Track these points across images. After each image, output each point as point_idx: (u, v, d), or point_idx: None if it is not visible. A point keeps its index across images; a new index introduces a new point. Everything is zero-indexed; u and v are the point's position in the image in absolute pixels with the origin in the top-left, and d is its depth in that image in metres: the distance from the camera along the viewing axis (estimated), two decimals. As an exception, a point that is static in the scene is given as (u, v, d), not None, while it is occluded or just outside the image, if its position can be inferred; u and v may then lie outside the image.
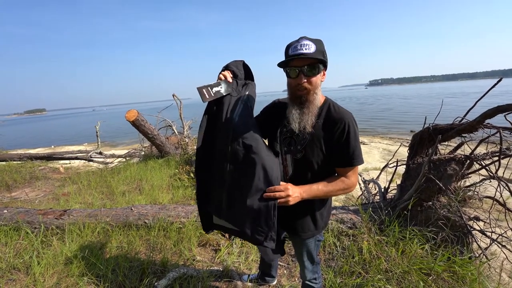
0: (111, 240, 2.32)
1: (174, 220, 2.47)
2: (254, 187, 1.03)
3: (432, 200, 2.09)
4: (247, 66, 1.24)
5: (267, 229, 1.04)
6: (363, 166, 6.48)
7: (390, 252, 1.92)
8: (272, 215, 1.03)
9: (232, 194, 1.11)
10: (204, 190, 1.26)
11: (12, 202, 3.73)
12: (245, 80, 1.23)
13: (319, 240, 1.33)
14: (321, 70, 1.03)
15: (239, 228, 1.11)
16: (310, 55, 0.96)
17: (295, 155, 1.12)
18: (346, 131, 1.04)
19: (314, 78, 1.02)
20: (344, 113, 1.07)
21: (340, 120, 1.05)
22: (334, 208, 2.49)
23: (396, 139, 10.58)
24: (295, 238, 1.32)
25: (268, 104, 1.31)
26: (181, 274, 1.89)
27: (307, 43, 0.97)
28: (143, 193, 3.70)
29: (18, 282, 1.88)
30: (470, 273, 1.72)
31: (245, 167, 1.06)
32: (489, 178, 1.99)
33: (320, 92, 1.07)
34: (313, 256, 1.35)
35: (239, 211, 1.09)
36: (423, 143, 2.26)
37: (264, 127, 1.20)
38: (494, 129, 1.91)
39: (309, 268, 1.38)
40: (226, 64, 1.20)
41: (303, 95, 1.04)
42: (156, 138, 5.31)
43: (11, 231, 2.42)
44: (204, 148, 1.22)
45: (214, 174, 1.19)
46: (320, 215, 1.22)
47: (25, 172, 5.43)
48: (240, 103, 1.15)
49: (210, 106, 1.20)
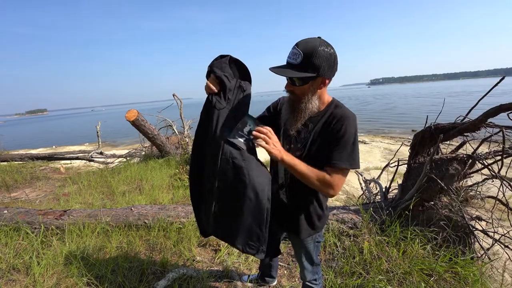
0: (111, 240, 2.32)
1: (174, 220, 2.46)
2: (246, 210, 1.02)
3: (434, 200, 2.08)
4: (237, 60, 1.07)
5: (258, 244, 1.06)
6: (364, 165, 6.46)
7: (391, 252, 1.91)
8: (264, 232, 1.05)
9: (221, 212, 1.10)
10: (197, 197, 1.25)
11: (13, 202, 3.74)
12: (238, 81, 1.08)
13: (318, 241, 1.32)
14: (309, 81, 0.98)
15: (229, 242, 1.14)
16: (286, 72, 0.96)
17: (295, 153, 1.10)
18: (342, 129, 1.01)
19: (300, 88, 1.00)
20: (346, 113, 1.04)
21: (340, 118, 1.03)
22: (335, 208, 2.47)
23: (397, 138, 10.54)
24: (293, 238, 1.32)
25: (274, 101, 1.30)
26: (180, 275, 1.88)
27: (297, 52, 0.94)
28: (143, 193, 3.69)
29: (18, 282, 1.88)
30: (472, 274, 1.71)
31: (235, 189, 1.03)
32: (492, 177, 1.97)
33: (315, 100, 1.04)
34: (313, 257, 1.33)
35: (228, 228, 1.09)
36: (425, 143, 2.24)
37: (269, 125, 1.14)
38: (496, 128, 1.89)
39: (309, 269, 1.37)
40: (210, 65, 1.05)
41: (293, 100, 1.06)
42: (156, 138, 5.31)
43: (11, 231, 2.42)
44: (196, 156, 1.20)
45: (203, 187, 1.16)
46: (317, 215, 1.21)
47: (26, 172, 5.44)
48: (230, 115, 1.06)
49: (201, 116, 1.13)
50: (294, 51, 0.95)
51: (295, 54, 0.95)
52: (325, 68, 0.96)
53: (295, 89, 1.02)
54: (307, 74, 0.95)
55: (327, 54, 0.94)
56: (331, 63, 0.96)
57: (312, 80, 0.98)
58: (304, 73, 0.95)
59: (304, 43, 0.94)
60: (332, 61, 0.97)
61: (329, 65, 0.96)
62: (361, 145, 9.35)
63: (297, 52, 0.94)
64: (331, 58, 0.96)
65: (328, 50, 0.94)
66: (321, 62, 0.94)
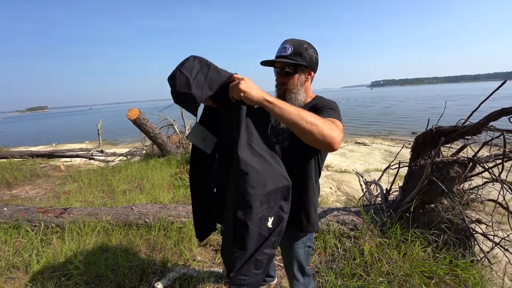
0: (111, 239, 2.32)
1: (175, 220, 2.46)
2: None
3: (435, 202, 2.08)
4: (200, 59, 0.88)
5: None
6: (364, 167, 6.46)
7: (391, 254, 1.91)
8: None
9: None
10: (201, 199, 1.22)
11: (13, 200, 3.73)
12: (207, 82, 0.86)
13: (309, 246, 1.26)
14: (298, 70, 1.08)
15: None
16: (282, 60, 1.05)
17: (282, 144, 1.12)
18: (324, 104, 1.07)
19: (290, 78, 1.08)
20: (328, 100, 1.13)
21: (322, 101, 1.12)
22: (336, 209, 2.47)
23: (397, 140, 10.54)
24: (284, 244, 1.27)
25: None
26: (181, 275, 1.88)
27: (286, 46, 1.06)
28: (144, 192, 3.69)
29: (17, 280, 1.87)
30: (473, 277, 1.71)
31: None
32: (492, 181, 1.97)
33: (302, 92, 1.11)
34: (304, 266, 1.27)
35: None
36: (426, 145, 2.24)
37: None
38: (497, 132, 1.89)
39: (300, 280, 1.29)
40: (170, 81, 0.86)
41: (283, 93, 1.11)
42: (157, 137, 5.31)
43: (10, 229, 2.42)
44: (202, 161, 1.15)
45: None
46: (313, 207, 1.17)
47: (26, 170, 5.43)
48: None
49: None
50: (284, 46, 1.06)
51: (285, 47, 1.06)
52: (312, 60, 1.09)
53: (285, 80, 1.09)
54: (299, 62, 1.06)
55: (312, 50, 1.09)
56: (315, 57, 1.10)
57: (300, 70, 1.08)
58: (297, 62, 1.06)
59: (291, 40, 1.07)
60: (316, 56, 1.11)
61: (315, 59, 1.10)
62: (362, 147, 9.36)
63: (286, 46, 1.06)
64: (314, 54, 1.10)
65: (312, 47, 1.09)
66: (308, 55, 1.07)
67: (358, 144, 9.91)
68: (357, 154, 8.26)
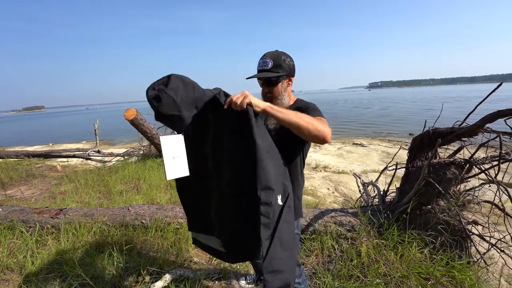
0: (107, 240, 2.30)
1: (172, 221, 2.45)
2: None
3: (432, 203, 2.09)
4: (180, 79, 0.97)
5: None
6: (361, 168, 6.48)
7: (388, 255, 1.91)
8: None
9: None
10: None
11: (7, 200, 3.69)
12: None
13: (296, 233, 1.33)
14: (280, 80, 1.23)
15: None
16: (265, 74, 1.20)
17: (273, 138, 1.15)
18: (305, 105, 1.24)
19: (275, 87, 1.23)
20: (308, 102, 1.28)
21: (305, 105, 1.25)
22: (333, 210, 2.47)
23: (395, 141, 10.59)
24: None
25: None
26: (177, 276, 1.87)
27: (267, 60, 1.20)
28: (141, 193, 3.67)
29: (11, 282, 1.85)
30: (469, 278, 1.71)
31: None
32: (488, 182, 1.99)
33: (286, 96, 1.27)
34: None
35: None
36: (423, 147, 2.25)
37: None
38: (494, 134, 1.91)
39: None
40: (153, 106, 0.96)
41: (270, 101, 1.21)
42: (155, 138, 5.28)
43: (5, 230, 2.38)
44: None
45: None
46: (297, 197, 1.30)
47: (21, 170, 5.39)
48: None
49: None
50: (264, 60, 1.21)
51: (266, 62, 1.21)
52: (291, 67, 1.25)
53: (270, 89, 1.24)
54: (280, 73, 1.21)
55: (288, 59, 1.25)
56: (292, 65, 1.26)
57: (283, 79, 1.24)
58: (278, 73, 1.21)
59: (270, 54, 1.22)
60: (293, 63, 1.27)
61: (292, 66, 1.26)
62: (359, 148, 9.40)
63: (267, 60, 1.21)
64: (291, 62, 1.26)
65: (288, 56, 1.25)
66: (286, 65, 1.23)
67: (356, 145, 9.95)
68: (355, 155, 8.30)
